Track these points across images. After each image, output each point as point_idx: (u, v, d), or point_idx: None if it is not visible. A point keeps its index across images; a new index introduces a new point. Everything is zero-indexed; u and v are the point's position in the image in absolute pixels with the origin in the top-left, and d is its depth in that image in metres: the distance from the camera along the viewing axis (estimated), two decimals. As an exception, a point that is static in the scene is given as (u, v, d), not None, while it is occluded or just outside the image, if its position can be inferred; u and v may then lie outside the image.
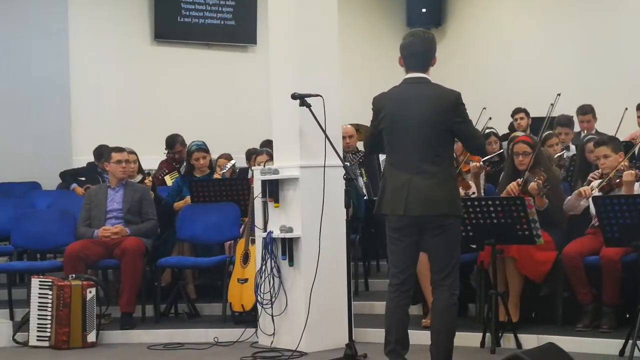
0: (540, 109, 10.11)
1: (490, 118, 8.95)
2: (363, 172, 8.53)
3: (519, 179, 6.58)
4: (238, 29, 11.78)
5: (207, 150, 8.35)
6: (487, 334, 6.02)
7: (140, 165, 8.56)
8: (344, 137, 7.84)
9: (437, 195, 4.99)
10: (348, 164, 6.93)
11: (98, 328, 6.81)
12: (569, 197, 6.58)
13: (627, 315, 6.21)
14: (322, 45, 6.40)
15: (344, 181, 5.63)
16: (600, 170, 6.59)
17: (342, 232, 5.95)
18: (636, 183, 6.30)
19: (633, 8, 10.86)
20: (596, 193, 6.28)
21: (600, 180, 6.47)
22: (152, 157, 9.67)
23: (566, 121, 9.07)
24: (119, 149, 7.62)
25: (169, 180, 9.12)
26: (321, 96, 5.88)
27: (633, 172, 6.22)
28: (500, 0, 12.52)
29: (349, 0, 11.62)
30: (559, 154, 8.00)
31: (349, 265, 5.90)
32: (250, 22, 11.78)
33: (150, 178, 8.21)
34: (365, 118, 9.04)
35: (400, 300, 5.17)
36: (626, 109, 8.38)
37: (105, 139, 9.32)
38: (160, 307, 7.42)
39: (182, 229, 7.74)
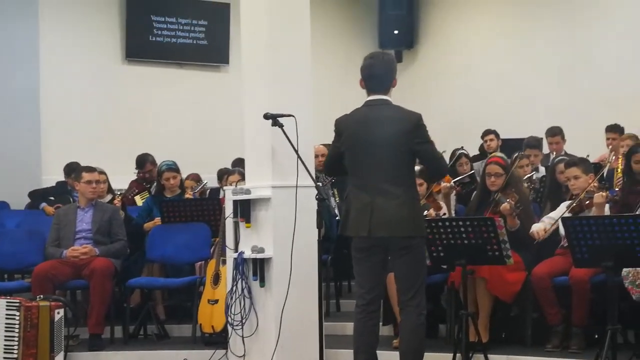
0: (510, 131, 10.23)
1: (462, 147, 9.01)
2: (335, 192, 8.53)
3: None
4: (210, 48, 11.79)
5: (177, 170, 8.31)
6: (458, 355, 6.01)
7: (109, 185, 8.51)
8: (316, 157, 7.84)
9: (401, 217, 5.02)
10: (320, 184, 6.93)
11: (66, 349, 6.72)
12: (534, 225, 6.59)
13: (596, 336, 6.24)
14: (295, 66, 6.40)
15: (316, 201, 5.62)
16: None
17: (314, 253, 5.92)
18: (606, 204, 6.36)
19: (603, 31, 10.99)
20: (566, 214, 6.32)
21: (570, 201, 6.52)
22: (122, 177, 9.62)
23: (535, 143, 9.16)
24: (90, 169, 7.57)
25: (139, 200, 9.07)
26: (294, 116, 5.87)
27: (604, 194, 6.26)
28: (471, 23, 12.61)
29: (322, 21, 11.67)
30: (528, 175, 8.06)
31: (320, 286, 5.88)
32: (223, 41, 11.80)
33: (120, 198, 8.16)
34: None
35: (367, 321, 5.18)
36: (587, 155, 8.20)
37: (75, 158, 9.28)
38: (130, 328, 7.35)
39: (152, 249, 7.69)
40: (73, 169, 8.77)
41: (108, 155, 10.29)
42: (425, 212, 6.64)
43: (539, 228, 6.47)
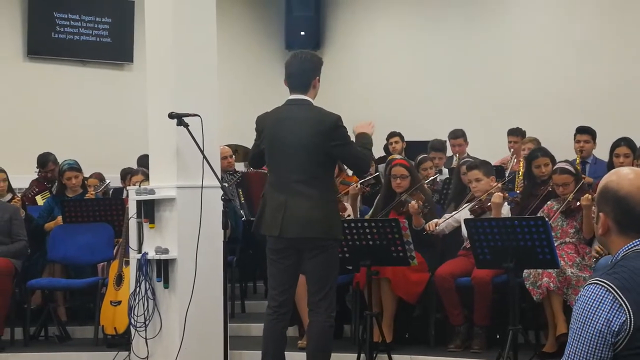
0: (415, 133, 10.35)
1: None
2: (241, 193, 8.51)
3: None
4: (114, 46, 11.59)
5: (79, 170, 8.17)
6: (362, 355, 6.06)
7: (9, 184, 8.30)
8: (225, 158, 7.81)
9: (313, 218, 5.01)
10: (226, 184, 6.90)
11: (-37, 352, 6.58)
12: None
13: (498, 336, 6.37)
14: (200, 65, 6.35)
15: (222, 202, 5.59)
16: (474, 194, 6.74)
17: (219, 254, 5.89)
18: (506, 205, 6.48)
19: (507, 35, 11.19)
20: (468, 215, 6.42)
21: (472, 203, 6.63)
22: (23, 176, 9.38)
23: (439, 145, 9.28)
24: (-11, 169, 7.39)
25: (40, 199, 8.87)
26: (199, 116, 5.82)
27: (501, 194, 6.38)
28: (376, 26, 12.70)
29: (228, 21, 11.59)
30: (432, 178, 8.16)
31: (225, 287, 5.86)
32: (127, 39, 11.61)
33: (19, 197, 7.98)
34: (244, 139, 9.01)
35: (277, 323, 5.17)
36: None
37: (-27, 157, 9.01)
38: (30, 330, 7.20)
39: (54, 249, 7.55)
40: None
41: (8, 153, 10.01)
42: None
43: (431, 222, 6.57)
